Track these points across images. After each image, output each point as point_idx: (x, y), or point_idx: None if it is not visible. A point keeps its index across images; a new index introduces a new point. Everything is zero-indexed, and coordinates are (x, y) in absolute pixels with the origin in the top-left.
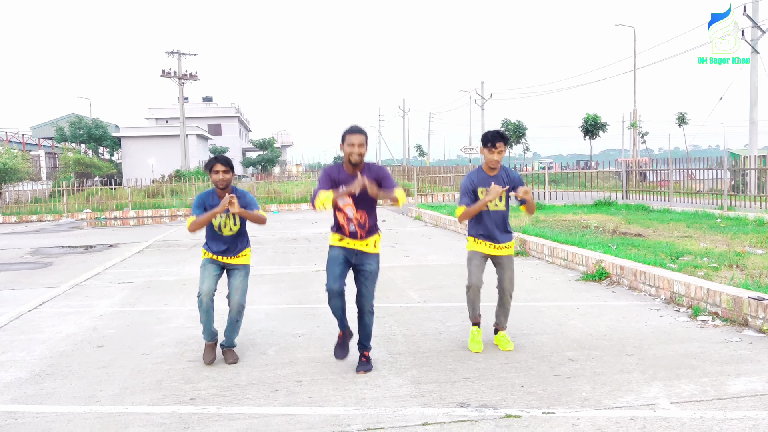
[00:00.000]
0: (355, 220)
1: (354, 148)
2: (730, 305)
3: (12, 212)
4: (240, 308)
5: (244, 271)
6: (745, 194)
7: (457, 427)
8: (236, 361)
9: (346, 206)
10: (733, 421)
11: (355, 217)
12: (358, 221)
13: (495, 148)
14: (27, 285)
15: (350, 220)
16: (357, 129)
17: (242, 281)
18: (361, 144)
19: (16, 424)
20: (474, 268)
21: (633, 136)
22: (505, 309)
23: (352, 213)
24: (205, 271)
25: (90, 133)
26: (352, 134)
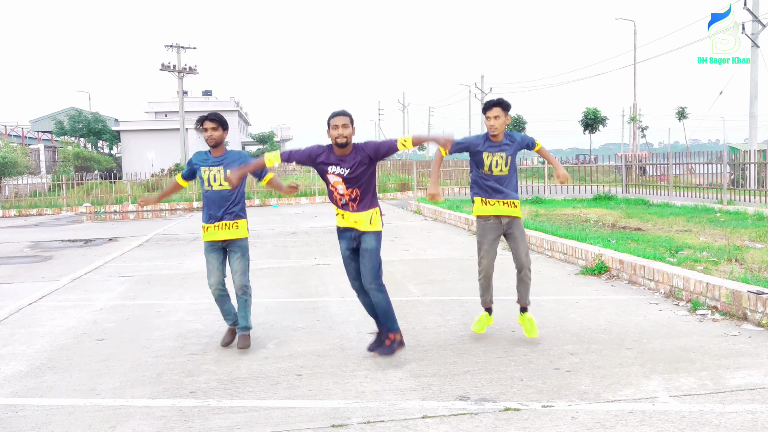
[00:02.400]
0: (346, 195)
1: (338, 129)
2: (730, 299)
3: (11, 206)
4: (244, 289)
5: (240, 251)
6: (745, 188)
7: (457, 420)
8: (248, 346)
9: (336, 184)
10: (731, 414)
11: (345, 193)
12: (349, 197)
13: (490, 112)
14: (27, 279)
15: (341, 195)
16: (340, 111)
17: (241, 262)
18: (345, 125)
19: (16, 417)
20: (485, 253)
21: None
22: (525, 285)
23: (342, 190)
24: (209, 262)
25: (89, 126)
26: (336, 117)
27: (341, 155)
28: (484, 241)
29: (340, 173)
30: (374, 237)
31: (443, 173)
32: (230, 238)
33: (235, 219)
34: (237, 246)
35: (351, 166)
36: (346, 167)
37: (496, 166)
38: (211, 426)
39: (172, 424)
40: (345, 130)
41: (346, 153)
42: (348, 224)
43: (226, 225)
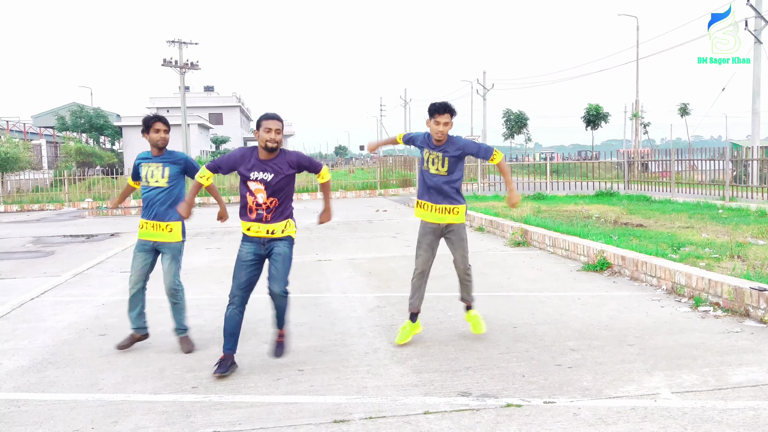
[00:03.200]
0: (264, 205)
1: (271, 133)
2: (732, 296)
3: (14, 201)
4: (172, 292)
5: (171, 253)
6: (747, 185)
7: (458, 416)
8: (191, 349)
9: (257, 192)
10: (734, 410)
11: (264, 203)
12: (267, 206)
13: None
14: (29, 274)
15: (259, 205)
16: (274, 115)
17: (170, 264)
18: (278, 130)
19: (19, 411)
20: (422, 250)
21: (635, 126)
22: (466, 286)
23: (262, 199)
24: (134, 261)
25: (91, 122)
26: (269, 120)
27: (266, 159)
28: (423, 237)
29: (262, 179)
30: (287, 242)
31: None
32: (162, 241)
33: (167, 218)
34: (167, 248)
35: (275, 172)
36: (270, 172)
37: (432, 164)
38: (213, 421)
39: (174, 419)
40: (277, 135)
41: (272, 157)
42: (258, 234)
43: (159, 226)
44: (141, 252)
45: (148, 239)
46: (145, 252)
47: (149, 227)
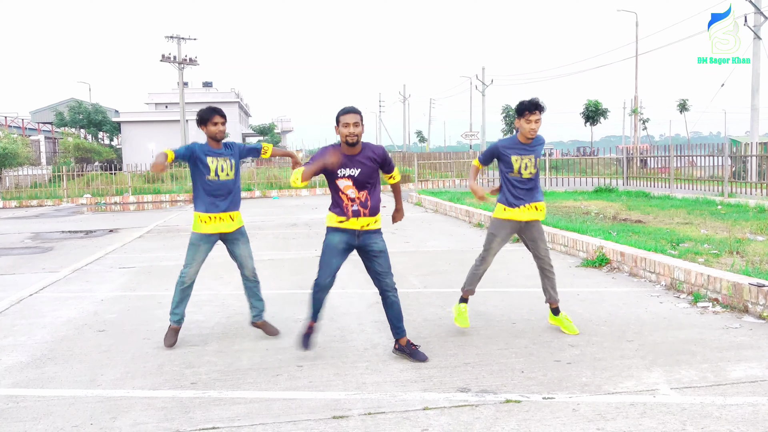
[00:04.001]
0: (357, 200)
1: (349, 128)
2: (731, 291)
3: (12, 197)
4: (254, 273)
5: (244, 237)
6: (746, 181)
7: (458, 412)
8: (277, 332)
9: (347, 188)
10: (732, 406)
11: (357, 197)
12: (360, 201)
13: (532, 115)
14: (28, 270)
15: (352, 200)
16: (351, 109)
17: (247, 246)
18: (357, 123)
19: (17, 407)
20: (495, 244)
21: (634, 122)
22: (550, 281)
23: (353, 194)
24: (197, 252)
25: (90, 117)
26: (347, 114)
27: (350, 155)
28: (498, 233)
29: (349, 174)
30: (382, 237)
31: (444, 165)
32: (232, 231)
33: (238, 207)
34: (239, 233)
35: (361, 167)
36: (356, 168)
37: (525, 169)
38: (212, 417)
39: (173, 415)
40: (356, 129)
41: (356, 152)
42: (349, 227)
43: (231, 216)
44: (206, 244)
45: (214, 232)
46: (209, 244)
47: (218, 220)
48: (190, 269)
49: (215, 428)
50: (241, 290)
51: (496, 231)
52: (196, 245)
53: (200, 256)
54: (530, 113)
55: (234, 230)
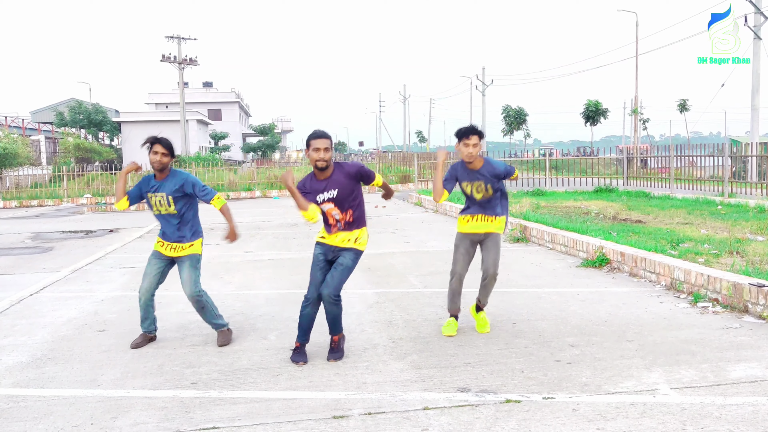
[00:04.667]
0: (342, 220)
1: (319, 153)
2: (731, 292)
3: (12, 197)
4: (196, 299)
5: (190, 261)
6: (746, 181)
7: (458, 412)
8: (228, 342)
9: (330, 211)
10: (732, 406)
11: (342, 218)
12: (346, 221)
13: (469, 140)
14: (28, 270)
15: (338, 221)
16: (321, 133)
17: (190, 272)
18: (327, 148)
19: (18, 407)
20: (460, 256)
21: (634, 122)
22: (486, 290)
23: (338, 215)
24: (148, 266)
25: (90, 118)
26: (317, 139)
27: (323, 179)
28: (461, 243)
29: (330, 198)
30: (354, 254)
31: None
32: (178, 256)
33: (184, 240)
34: (187, 258)
35: (337, 187)
36: (332, 189)
37: (477, 192)
38: (212, 417)
39: (173, 415)
40: (326, 154)
41: (328, 175)
42: (329, 241)
43: (182, 247)
44: (157, 259)
45: (165, 254)
46: (160, 260)
47: (167, 248)
48: (142, 283)
49: (216, 428)
50: (242, 290)
51: (457, 243)
52: (149, 258)
53: (151, 269)
54: (467, 138)
55: (184, 255)
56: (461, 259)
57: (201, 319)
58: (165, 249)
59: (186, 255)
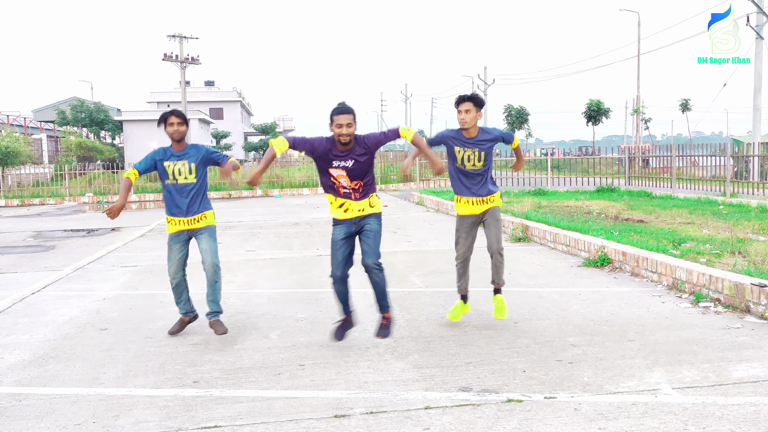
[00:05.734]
0: (350, 187)
1: (342, 128)
2: (732, 292)
3: (14, 195)
4: (215, 268)
5: (208, 232)
6: (748, 181)
7: (459, 411)
8: (226, 331)
9: (339, 177)
10: (734, 406)
11: (349, 186)
12: (353, 188)
13: (462, 106)
14: (30, 268)
15: (344, 187)
16: (344, 108)
17: (210, 242)
18: (350, 123)
19: (20, 405)
20: (461, 239)
21: (636, 122)
22: (497, 269)
23: (346, 183)
24: (171, 252)
25: (92, 116)
26: (340, 114)
27: (344, 150)
28: (461, 225)
29: (344, 166)
30: (376, 219)
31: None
32: (197, 228)
33: (200, 212)
34: (204, 230)
35: (354, 159)
36: (350, 160)
37: (468, 161)
38: (214, 416)
39: (175, 414)
40: (349, 129)
41: (349, 148)
42: (350, 216)
43: (195, 219)
44: (177, 243)
45: (182, 229)
46: (180, 243)
47: (183, 223)
48: (169, 268)
49: (217, 427)
50: (244, 289)
51: (458, 226)
52: (169, 244)
53: (174, 254)
54: (460, 104)
55: (201, 227)
56: (463, 241)
57: (203, 318)
58: (182, 224)
59: (204, 226)
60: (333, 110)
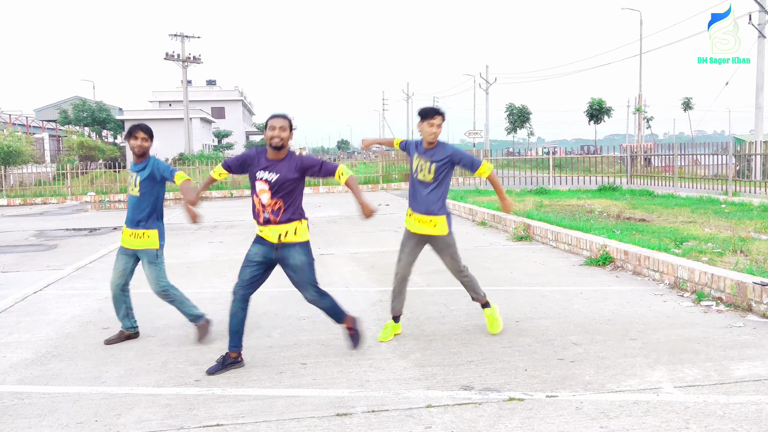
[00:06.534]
0: (269, 207)
1: (275, 131)
2: (734, 290)
3: (16, 195)
4: (162, 295)
5: (147, 258)
6: (750, 180)
7: (461, 410)
8: (206, 335)
9: (261, 192)
10: (736, 405)
11: (268, 204)
12: (272, 209)
13: (433, 120)
14: (32, 267)
15: (264, 206)
16: (279, 114)
17: (150, 269)
18: (283, 128)
19: (22, 404)
20: (403, 255)
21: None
22: (467, 286)
23: (266, 199)
24: (116, 263)
25: (94, 116)
26: (274, 118)
27: (274, 159)
28: (405, 242)
29: (267, 179)
30: (301, 249)
31: None
32: (140, 248)
33: (140, 226)
34: (145, 254)
35: (280, 172)
36: (275, 172)
37: (420, 171)
38: (216, 414)
39: (177, 412)
40: (282, 132)
41: (280, 158)
42: (266, 238)
43: (136, 234)
44: (122, 255)
45: (127, 247)
46: (126, 255)
47: (127, 235)
48: (111, 277)
49: (219, 425)
50: None
51: (403, 241)
52: (117, 255)
53: (118, 264)
54: (431, 118)
55: (142, 248)
56: (404, 258)
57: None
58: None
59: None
60: (269, 117)
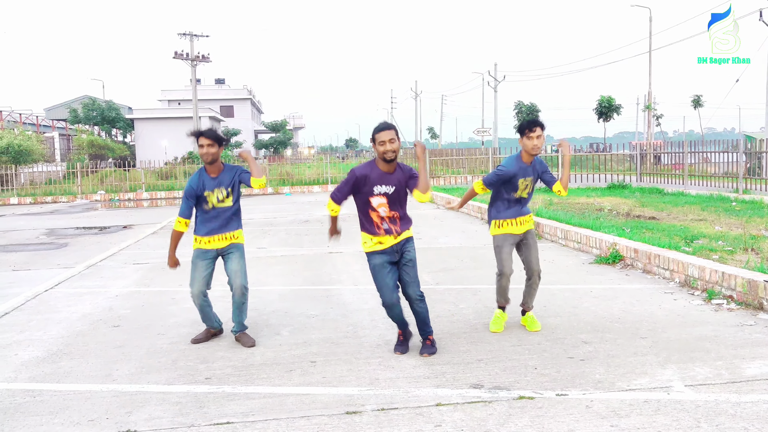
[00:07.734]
0: (388, 219)
1: (385, 145)
2: (745, 289)
3: (27, 193)
4: (243, 290)
5: (238, 252)
6: (761, 177)
7: (471, 408)
8: (254, 343)
9: (380, 206)
10: (747, 404)
11: (387, 216)
12: (391, 219)
13: (533, 133)
14: (43, 265)
15: (383, 219)
16: (386, 125)
17: (239, 262)
18: (392, 140)
19: (34, 401)
20: (505, 256)
21: (647, 118)
22: (532, 289)
23: (385, 212)
24: (196, 269)
25: (103, 114)
26: (381, 131)
27: (386, 171)
28: (504, 245)
29: (385, 192)
30: (413, 245)
31: (455, 162)
32: (226, 246)
33: (231, 230)
34: (234, 248)
35: (396, 185)
36: (391, 185)
37: (525, 190)
38: (226, 412)
39: (188, 410)
40: (392, 145)
41: (392, 170)
42: (387, 246)
43: (225, 237)
44: (203, 260)
45: (211, 248)
46: (207, 259)
47: (215, 240)
48: (193, 286)
49: (230, 423)
50: (255, 286)
51: (501, 243)
52: (193, 261)
53: (199, 272)
54: (530, 131)
55: (232, 243)
56: (508, 258)
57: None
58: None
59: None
60: (375, 129)
